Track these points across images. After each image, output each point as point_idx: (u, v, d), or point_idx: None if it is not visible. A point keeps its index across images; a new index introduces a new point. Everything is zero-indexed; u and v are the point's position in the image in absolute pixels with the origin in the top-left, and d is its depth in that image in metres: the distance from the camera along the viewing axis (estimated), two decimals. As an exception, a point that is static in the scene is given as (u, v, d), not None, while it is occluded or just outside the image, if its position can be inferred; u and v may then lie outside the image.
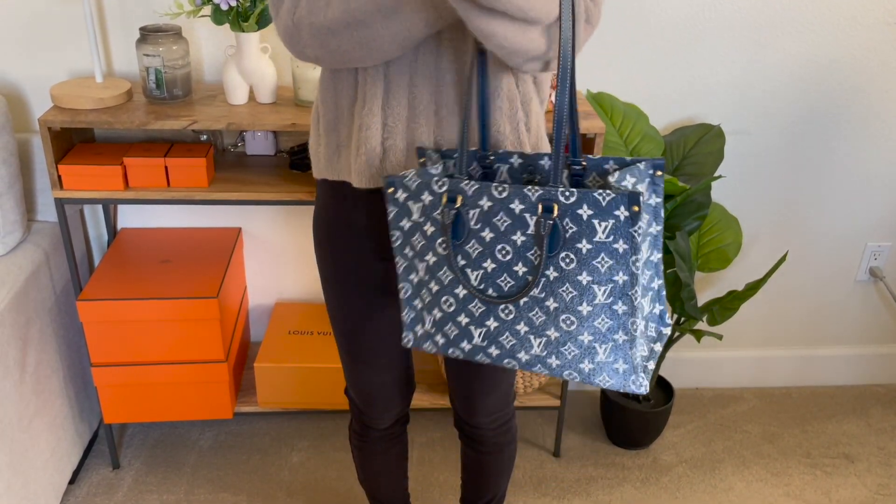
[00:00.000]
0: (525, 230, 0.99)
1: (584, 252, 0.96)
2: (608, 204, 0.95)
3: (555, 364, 1.02)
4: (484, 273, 1.01)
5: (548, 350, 1.01)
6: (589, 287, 0.97)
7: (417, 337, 1.10)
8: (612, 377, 1.01)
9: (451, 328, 1.06)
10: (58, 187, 1.63)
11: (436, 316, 1.06)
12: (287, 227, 2.04)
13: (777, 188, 2.09)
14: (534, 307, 1.00)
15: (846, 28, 1.89)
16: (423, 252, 1.05)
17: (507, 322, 1.02)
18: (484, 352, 1.05)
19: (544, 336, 1.01)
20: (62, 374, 1.81)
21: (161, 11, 1.77)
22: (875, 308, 2.29)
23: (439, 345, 1.08)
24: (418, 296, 1.08)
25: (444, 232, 1.02)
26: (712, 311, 1.90)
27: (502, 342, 1.03)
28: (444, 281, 1.04)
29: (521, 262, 1.00)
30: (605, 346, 1.00)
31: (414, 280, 1.08)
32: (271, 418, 2.15)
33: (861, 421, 2.24)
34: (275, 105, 1.71)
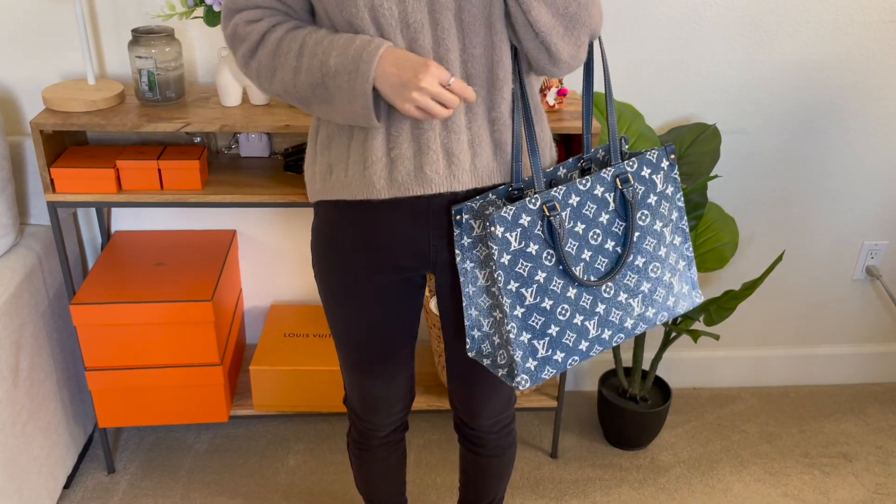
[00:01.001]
0: (607, 208, 1.15)
1: (654, 204, 1.18)
2: (657, 159, 1.18)
3: (651, 313, 1.20)
4: (585, 264, 1.14)
5: (645, 304, 1.19)
6: (661, 232, 1.19)
7: (533, 371, 1.14)
8: (685, 300, 1.24)
9: (569, 335, 1.15)
10: (50, 190, 1.62)
11: (552, 334, 1.14)
12: (282, 229, 2.03)
13: (773, 187, 2.08)
14: (626, 273, 1.17)
15: (842, 27, 1.89)
16: (532, 274, 1.11)
17: (611, 298, 1.16)
18: (598, 340, 1.17)
19: (640, 293, 1.18)
20: (56, 378, 1.80)
21: (153, 13, 1.76)
22: (872, 307, 2.29)
23: (559, 362, 1.15)
24: (526, 327, 1.12)
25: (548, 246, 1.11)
26: (709, 310, 1.89)
27: (612, 320, 1.17)
28: (557, 290, 1.13)
29: (610, 238, 1.15)
30: (675, 277, 1.22)
31: (519, 313, 1.12)
32: (267, 421, 2.14)
33: (859, 420, 2.23)
34: (268, 107, 1.70)
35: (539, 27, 1.02)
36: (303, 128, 1.60)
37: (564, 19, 1.03)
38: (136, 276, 1.81)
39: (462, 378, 1.33)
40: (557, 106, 1.70)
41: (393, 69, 1.00)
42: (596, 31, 1.09)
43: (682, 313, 1.25)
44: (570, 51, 1.07)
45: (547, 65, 1.07)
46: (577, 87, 1.91)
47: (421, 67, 1.00)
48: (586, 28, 1.06)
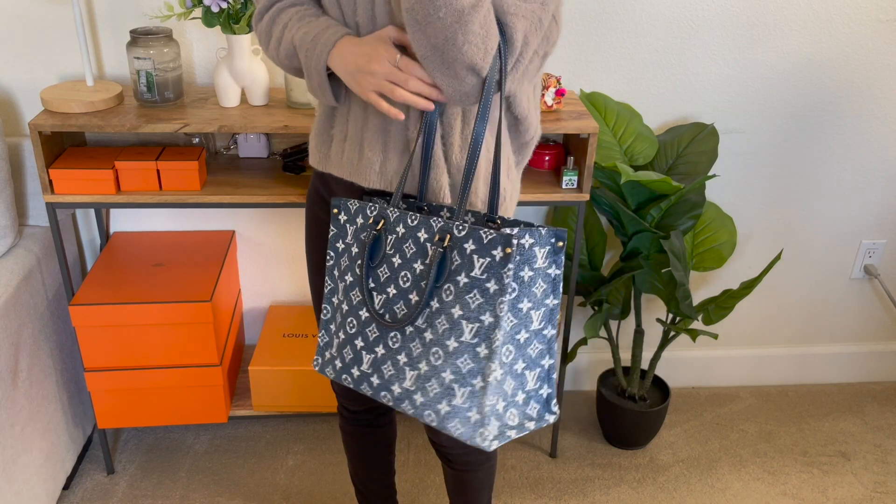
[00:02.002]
0: (424, 259, 1.06)
1: (461, 285, 1.02)
2: (488, 242, 1.00)
3: (419, 401, 1.07)
4: (386, 298, 1.09)
5: (416, 385, 1.07)
6: (458, 322, 1.02)
7: (325, 360, 1.17)
8: (463, 425, 1.05)
9: (348, 352, 1.14)
10: (49, 191, 1.62)
11: (340, 337, 1.14)
12: (281, 229, 2.03)
13: (771, 187, 2.09)
14: (415, 338, 1.07)
15: (839, 26, 1.89)
16: (345, 272, 1.14)
17: (392, 350, 1.09)
18: (367, 380, 1.12)
19: (417, 368, 1.07)
20: (55, 379, 1.80)
21: (151, 14, 1.76)
22: (870, 305, 2.29)
23: (337, 369, 1.16)
24: (334, 319, 1.16)
25: (362, 253, 1.11)
26: (707, 310, 1.90)
27: (384, 371, 1.10)
28: (354, 301, 1.12)
29: (416, 292, 1.06)
30: (464, 391, 1.04)
31: (334, 302, 1.16)
32: (266, 422, 2.14)
33: (857, 419, 2.24)
34: (267, 107, 1.70)
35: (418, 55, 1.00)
36: (301, 128, 1.60)
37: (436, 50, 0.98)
38: (135, 276, 1.81)
39: None
40: (555, 106, 1.70)
41: (350, 56, 1.06)
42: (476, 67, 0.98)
43: (455, 435, 1.05)
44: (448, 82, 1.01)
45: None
46: (576, 87, 1.91)
47: (372, 51, 1.04)
48: (460, 63, 0.98)
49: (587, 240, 1.94)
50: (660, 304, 2.22)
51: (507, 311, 1.01)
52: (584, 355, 2.28)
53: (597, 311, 1.87)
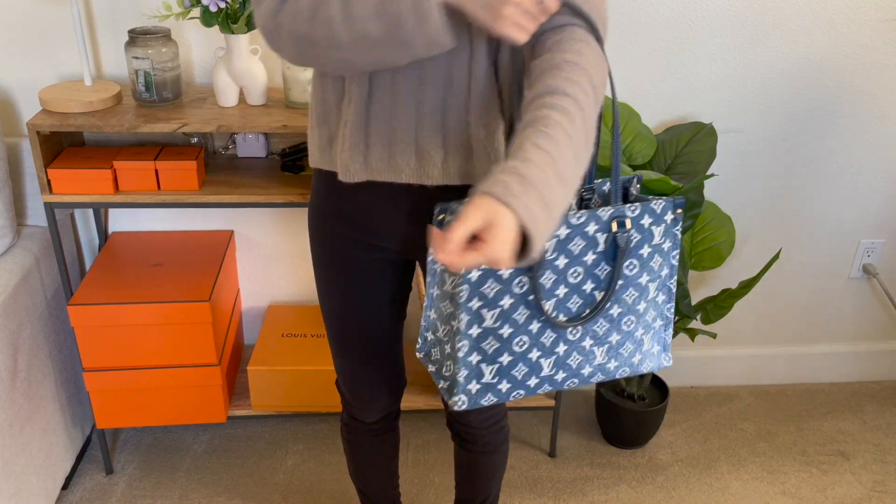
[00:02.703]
0: (595, 248, 1.07)
1: (646, 256, 1.10)
2: (661, 210, 1.09)
3: (612, 366, 1.14)
4: (556, 300, 1.07)
5: (609, 355, 1.13)
6: (646, 286, 1.11)
7: (473, 394, 1.11)
8: (652, 360, 1.18)
9: (521, 368, 1.10)
10: (47, 191, 1.62)
11: (502, 362, 1.09)
12: (279, 229, 2.03)
13: (770, 186, 2.09)
14: (598, 319, 1.10)
15: (838, 26, 1.89)
16: (497, 298, 1.05)
17: (574, 342, 1.10)
18: (549, 380, 1.12)
19: (606, 343, 1.12)
20: (54, 379, 1.80)
21: (150, 14, 1.76)
22: (869, 305, 2.30)
23: (502, 392, 1.11)
24: (477, 349, 1.08)
25: (524, 269, 1.04)
26: (706, 309, 1.90)
27: (569, 364, 1.11)
28: (520, 320, 1.07)
29: (590, 280, 1.08)
30: (649, 335, 1.15)
31: (474, 333, 1.07)
32: (265, 421, 2.14)
33: (856, 418, 2.24)
34: (266, 107, 1.70)
35: None
36: (300, 128, 1.60)
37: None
38: (134, 276, 1.81)
39: None
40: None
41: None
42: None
43: (643, 372, 1.18)
44: None
45: None
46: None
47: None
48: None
49: (586, 239, 1.94)
50: (659, 303, 2.21)
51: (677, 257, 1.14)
52: (583, 355, 2.28)
53: (596, 311, 1.87)
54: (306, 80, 1.66)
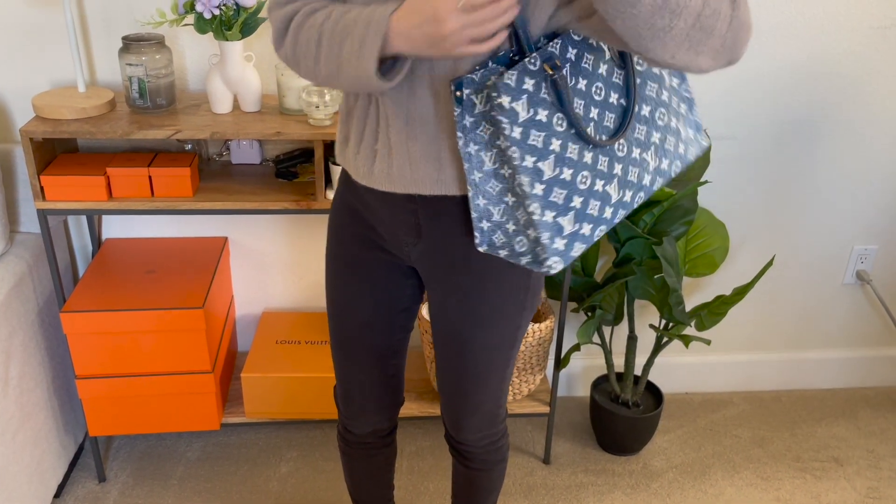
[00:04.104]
0: (604, 57, 1.04)
1: None
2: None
3: (665, 165, 1.13)
4: (594, 123, 1.04)
5: (658, 156, 1.12)
6: (660, 74, 1.11)
7: (563, 251, 1.06)
8: (693, 145, 1.18)
9: (593, 204, 1.06)
10: (40, 198, 1.61)
11: (576, 206, 1.05)
12: (274, 235, 2.03)
13: (763, 193, 2.09)
14: (635, 125, 1.08)
15: (831, 33, 1.90)
16: (547, 143, 1.01)
17: (625, 156, 1.08)
18: (621, 204, 1.09)
19: (651, 145, 1.10)
20: (46, 386, 1.79)
21: (143, 20, 1.76)
22: (863, 311, 2.30)
23: (587, 236, 1.07)
24: (548, 203, 1.03)
25: (556, 106, 1.00)
26: (700, 316, 1.90)
27: (630, 180, 1.09)
28: (574, 157, 1.03)
29: (613, 91, 1.06)
30: (681, 123, 1.15)
31: (539, 190, 1.02)
32: (259, 429, 2.13)
33: (850, 424, 2.24)
34: (260, 114, 1.70)
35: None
36: (294, 135, 1.60)
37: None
38: (127, 283, 1.80)
39: (448, 392, 1.33)
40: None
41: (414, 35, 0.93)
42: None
43: (692, 160, 1.18)
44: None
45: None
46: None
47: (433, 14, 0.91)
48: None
49: (580, 246, 1.94)
50: (653, 309, 2.22)
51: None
52: (577, 361, 2.28)
53: (590, 317, 1.87)
54: (300, 87, 1.66)
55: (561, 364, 1.90)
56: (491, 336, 1.22)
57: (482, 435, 1.37)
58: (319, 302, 2.14)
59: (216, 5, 1.53)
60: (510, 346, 1.26)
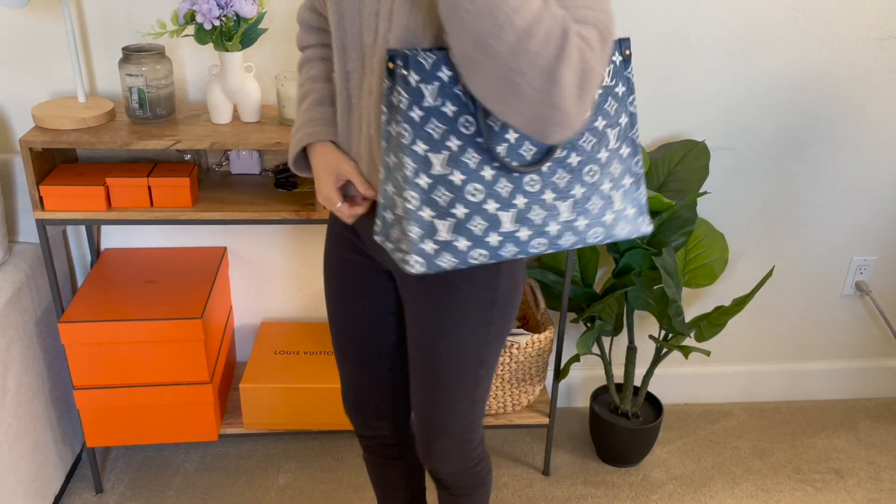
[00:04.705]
0: None
1: (597, 98, 1.02)
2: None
3: (582, 225, 1.06)
4: (508, 146, 1.00)
5: (575, 212, 1.05)
6: (604, 132, 1.05)
7: (428, 255, 1.01)
8: (628, 223, 1.10)
9: (478, 222, 1.01)
10: (39, 208, 1.61)
11: (457, 215, 1.00)
12: (272, 245, 2.03)
13: (762, 203, 2.09)
14: (556, 169, 1.03)
15: (830, 44, 1.91)
16: (445, 138, 0.98)
17: (535, 194, 1.02)
18: (512, 239, 1.03)
19: (570, 197, 1.05)
20: (44, 397, 1.78)
21: (144, 31, 1.76)
22: (862, 322, 2.30)
23: (460, 251, 1.01)
24: (429, 200, 1.00)
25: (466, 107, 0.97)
26: (700, 326, 1.90)
27: (531, 219, 1.03)
28: (471, 165, 0.99)
29: None
30: (619, 193, 1.08)
31: (423, 183, 0.99)
32: (257, 439, 2.12)
33: (850, 435, 2.24)
34: (259, 124, 1.70)
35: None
36: (293, 145, 1.60)
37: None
38: (126, 293, 1.80)
39: (416, 409, 1.29)
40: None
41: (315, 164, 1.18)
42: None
43: (623, 238, 1.10)
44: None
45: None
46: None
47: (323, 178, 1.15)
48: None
49: (579, 256, 1.94)
50: (652, 320, 2.22)
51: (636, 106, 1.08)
52: (576, 372, 2.27)
53: (589, 328, 1.87)
54: (300, 97, 1.66)
55: (560, 375, 1.90)
56: (456, 349, 1.18)
57: (453, 464, 1.32)
58: (318, 312, 2.13)
59: (216, 16, 1.53)
60: (477, 363, 1.21)
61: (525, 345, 1.83)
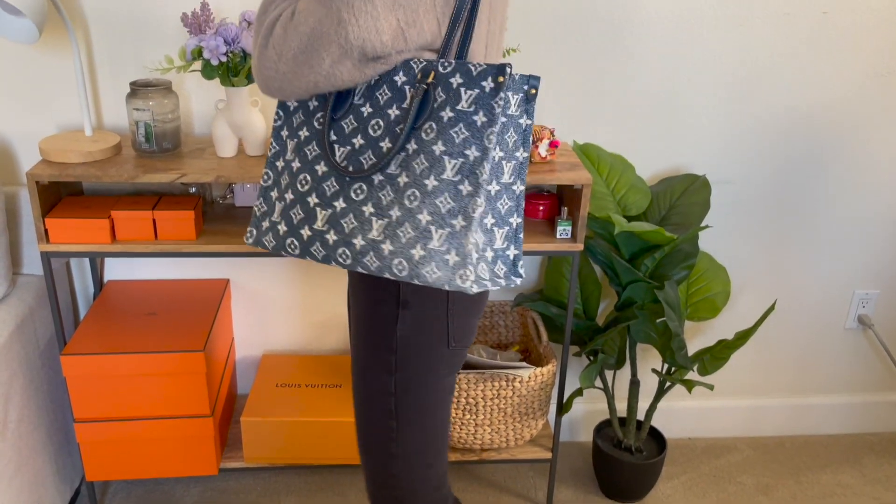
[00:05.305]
0: (401, 103, 1.01)
1: (445, 120, 0.99)
2: (478, 74, 0.98)
3: (387, 251, 1.00)
4: (351, 150, 1.03)
5: (385, 233, 1.00)
6: (440, 158, 0.98)
7: (262, 231, 1.10)
8: (441, 269, 0.98)
9: (297, 212, 1.06)
10: (44, 241, 1.62)
11: (287, 199, 1.07)
12: (275, 278, 2.03)
13: (763, 237, 2.10)
14: (385, 185, 1.01)
15: (829, 79, 1.93)
16: (299, 128, 1.08)
17: (356, 202, 1.02)
18: (320, 238, 1.04)
19: (387, 217, 1.00)
20: (44, 430, 1.77)
21: (151, 67, 1.79)
22: (865, 356, 2.29)
23: (280, 234, 1.08)
24: (277, 183, 1.10)
25: (324, 104, 1.05)
26: (703, 360, 1.89)
27: (342, 225, 1.03)
28: (309, 156, 1.06)
29: (388, 138, 1.02)
30: (441, 232, 0.98)
31: (279, 165, 1.10)
32: (258, 473, 2.11)
33: (855, 471, 2.22)
34: (264, 157, 1.71)
35: None
36: (298, 179, 1.61)
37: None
38: (128, 326, 1.80)
39: None
40: (549, 157, 1.72)
41: None
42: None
43: (430, 283, 0.99)
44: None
45: None
46: (570, 139, 1.94)
47: None
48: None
49: (582, 289, 1.94)
50: (655, 353, 2.21)
51: (496, 143, 0.99)
52: (579, 406, 2.26)
53: (592, 361, 1.86)
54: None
55: (563, 408, 1.89)
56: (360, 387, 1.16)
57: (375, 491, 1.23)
58: (320, 344, 2.13)
59: (223, 52, 1.56)
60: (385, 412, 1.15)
61: (527, 378, 1.83)
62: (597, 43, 1.85)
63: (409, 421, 1.15)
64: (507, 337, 2.14)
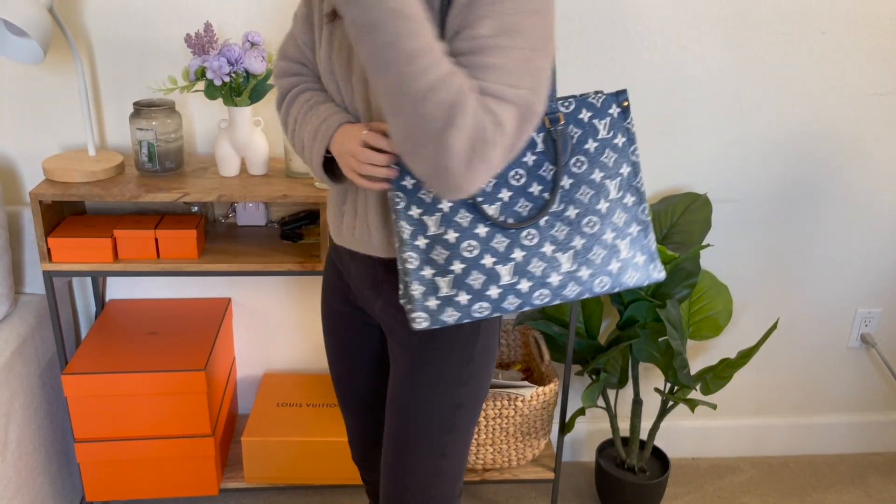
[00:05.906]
0: (534, 149, 1.06)
1: (593, 151, 1.08)
2: (602, 104, 1.09)
3: (586, 275, 1.08)
4: (502, 204, 1.05)
5: (577, 262, 1.08)
6: (602, 183, 1.09)
7: (432, 311, 1.05)
8: (637, 271, 1.12)
9: (476, 276, 1.05)
10: (46, 260, 1.62)
11: (455, 271, 1.05)
12: (277, 297, 2.03)
13: (765, 255, 2.10)
14: (554, 223, 1.07)
15: (829, 98, 1.94)
16: (436, 201, 1.05)
17: (533, 247, 1.06)
18: (514, 291, 1.06)
19: (570, 249, 1.08)
20: (45, 450, 1.76)
21: (155, 87, 1.80)
22: (868, 375, 2.28)
23: (462, 305, 1.05)
24: (428, 259, 1.05)
25: None
26: (705, 379, 1.88)
27: (531, 271, 1.06)
28: (464, 224, 1.05)
29: (536, 182, 1.06)
30: (625, 241, 1.10)
31: (421, 244, 1.05)
32: (258, 493, 2.09)
33: (860, 491, 2.20)
34: (266, 177, 1.72)
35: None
36: (300, 197, 1.62)
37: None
38: (129, 345, 1.79)
39: (382, 470, 1.26)
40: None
41: (340, 139, 1.08)
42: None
43: (634, 286, 1.12)
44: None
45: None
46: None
47: (351, 131, 1.06)
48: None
49: (584, 308, 1.94)
50: (658, 372, 2.20)
51: (637, 154, 1.11)
52: (582, 425, 2.25)
53: (594, 381, 1.86)
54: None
55: (566, 428, 1.88)
56: (426, 407, 1.16)
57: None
58: (321, 364, 2.12)
59: (226, 73, 1.57)
60: (446, 427, 1.18)
61: (530, 398, 1.82)
62: (596, 63, 1.86)
63: (461, 439, 1.21)
64: (509, 356, 2.13)
